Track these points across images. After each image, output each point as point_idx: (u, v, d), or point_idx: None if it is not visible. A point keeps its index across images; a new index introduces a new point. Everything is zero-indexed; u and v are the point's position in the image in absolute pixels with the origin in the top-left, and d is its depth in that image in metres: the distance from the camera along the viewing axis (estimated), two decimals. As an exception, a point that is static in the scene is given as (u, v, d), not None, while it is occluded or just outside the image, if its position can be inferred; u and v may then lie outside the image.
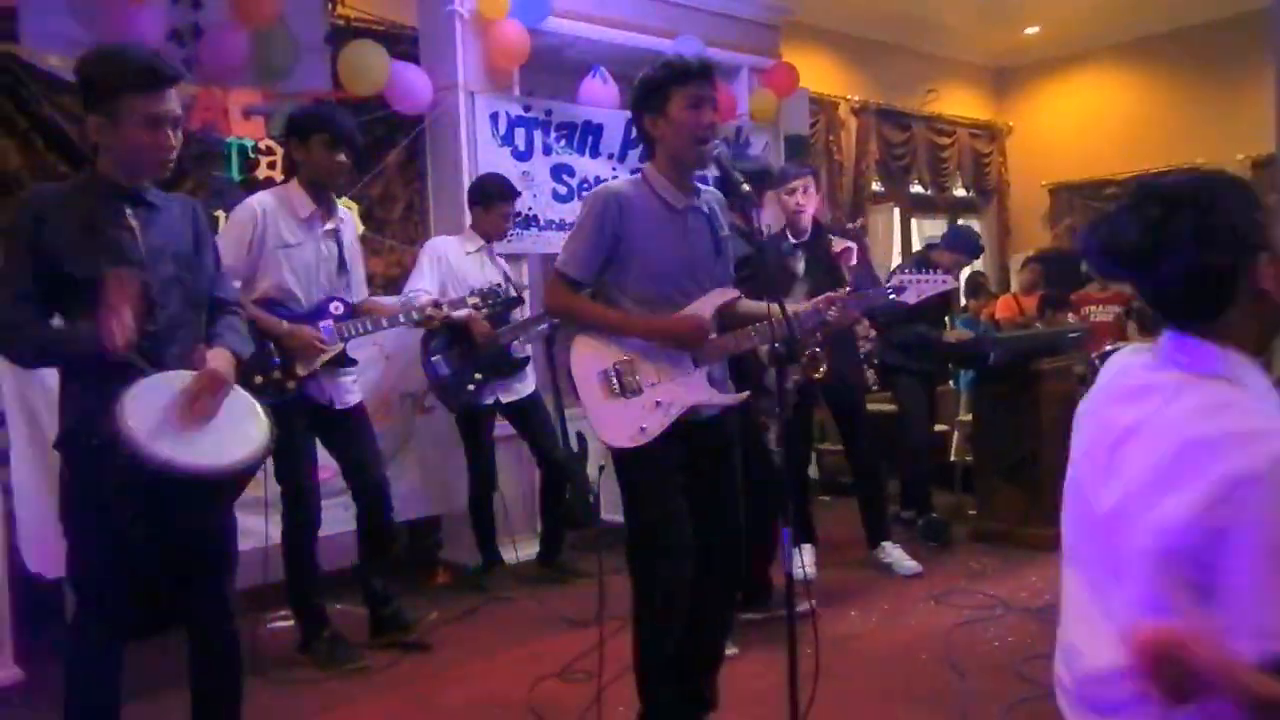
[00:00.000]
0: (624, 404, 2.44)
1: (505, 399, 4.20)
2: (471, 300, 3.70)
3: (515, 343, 4.19)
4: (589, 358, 2.49)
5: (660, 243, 2.48)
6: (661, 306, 2.48)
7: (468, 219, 4.34)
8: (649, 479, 2.47)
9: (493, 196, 4.23)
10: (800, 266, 4.08)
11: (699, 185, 2.59)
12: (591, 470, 4.73)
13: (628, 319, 2.47)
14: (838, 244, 4.08)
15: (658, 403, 2.44)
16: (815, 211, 4.18)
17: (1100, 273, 1.37)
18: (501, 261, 4.35)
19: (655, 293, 2.48)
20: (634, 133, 2.67)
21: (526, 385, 4.31)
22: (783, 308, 2.37)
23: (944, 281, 3.07)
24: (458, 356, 4.09)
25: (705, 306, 2.52)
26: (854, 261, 4.06)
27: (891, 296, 3.00)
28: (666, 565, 2.46)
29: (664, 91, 2.44)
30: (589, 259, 2.47)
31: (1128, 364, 1.39)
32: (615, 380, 2.46)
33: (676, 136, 2.45)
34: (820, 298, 2.73)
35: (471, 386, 4.09)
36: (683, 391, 2.47)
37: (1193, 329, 1.30)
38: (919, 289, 2.98)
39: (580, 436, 4.52)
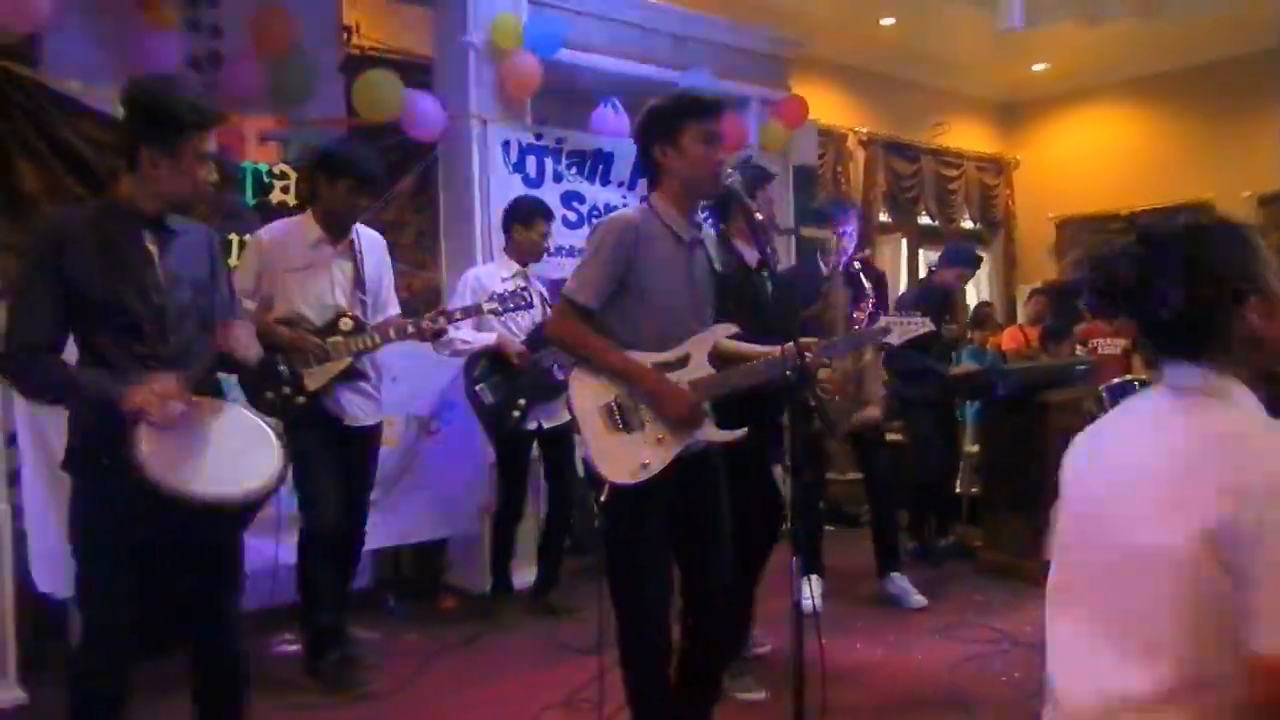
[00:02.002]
0: (625, 439, 2.38)
1: (547, 424, 4.16)
2: (489, 306, 3.70)
3: (556, 366, 4.11)
4: (589, 392, 2.42)
5: (670, 276, 2.45)
6: (663, 342, 2.44)
7: (479, 250, 4.36)
8: (636, 539, 2.41)
9: (534, 213, 4.25)
10: (841, 295, 4.11)
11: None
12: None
13: (624, 365, 2.40)
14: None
15: (659, 439, 2.39)
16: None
17: (1093, 310, 1.44)
18: (538, 284, 4.35)
19: (658, 328, 2.44)
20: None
21: (566, 412, 4.30)
22: (796, 341, 2.38)
23: (922, 324, 3.18)
24: (501, 383, 4.09)
25: (702, 346, 2.48)
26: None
27: (881, 340, 3.07)
28: (648, 652, 2.43)
29: (677, 123, 2.42)
30: (601, 287, 2.41)
31: (1132, 405, 1.48)
32: (617, 415, 2.40)
33: (688, 170, 2.44)
34: (804, 341, 2.73)
35: (517, 413, 4.08)
36: (683, 428, 2.42)
37: (1190, 357, 1.37)
38: (903, 330, 3.05)
39: (586, 462, 4.51)
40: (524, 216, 4.26)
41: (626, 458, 2.37)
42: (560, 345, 2.72)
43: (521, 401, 4.07)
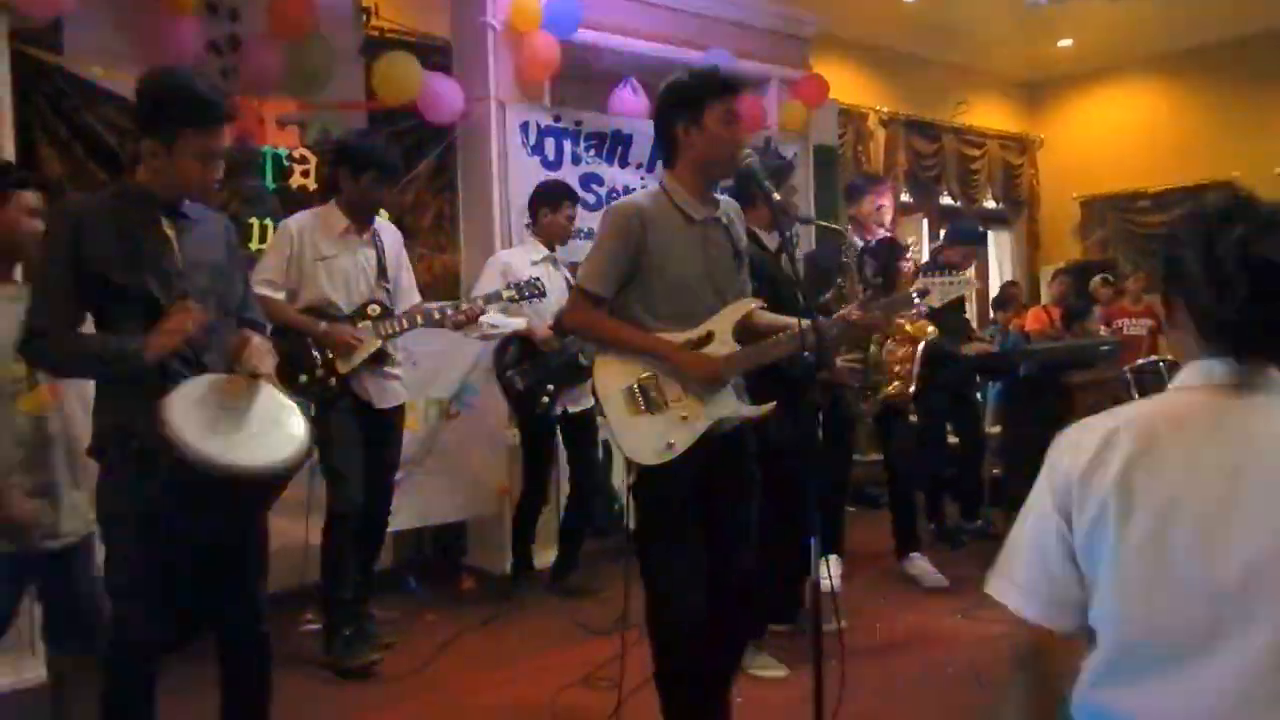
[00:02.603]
0: (649, 420, 2.38)
1: (572, 409, 4.18)
2: (508, 294, 3.73)
3: (582, 351, 4.08)
4: (613, 374, 2.43)
5: (682, 255, 2.43)
6: (685, 319, 2.43)
7: (498, 232, 4.36)
8: (664, 520, 2.42)
9: (561, 196, 4.27)
10: (870, 270, 4.11)
11: (717, 196, 2.57)
12: (618, 479, 4.74)
13: (645, 342, 2.41)
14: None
15: (683, 417, 2.39)
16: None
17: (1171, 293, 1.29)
18: (566, 269, 4.34)
19: (677, 307, 2.43)
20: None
21: (590, 397, 4.32)
22: (813, 318, 2.36)
23: (967, 283, 3.11)
24: (532, 369, 4.10)
25: (725, 323, 2.47)
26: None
27: (917, 301, 2.99)
28: (676, 633, 2.41)
29: (700, 101, 2.40)
30: (611, 274, 2.42)
31: (1187, 400, 1.27)
32: (640, 396, 2.40)
33: (709, 149, 2.42)
34: (850, 307, 2.71)
35: (546, 399, 4.10)
36: (707, 405, 2.42)
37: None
38: (943, 291, 3.00)
39: (606, 445, 4.53)
40: (550, 199, 4.26)
41: (651, 438, 2.37)
42: (577, 333, 2.78)
43: (550, 387, 4.08)
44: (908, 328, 3.84)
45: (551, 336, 4.07)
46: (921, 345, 3.93)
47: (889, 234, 4.26)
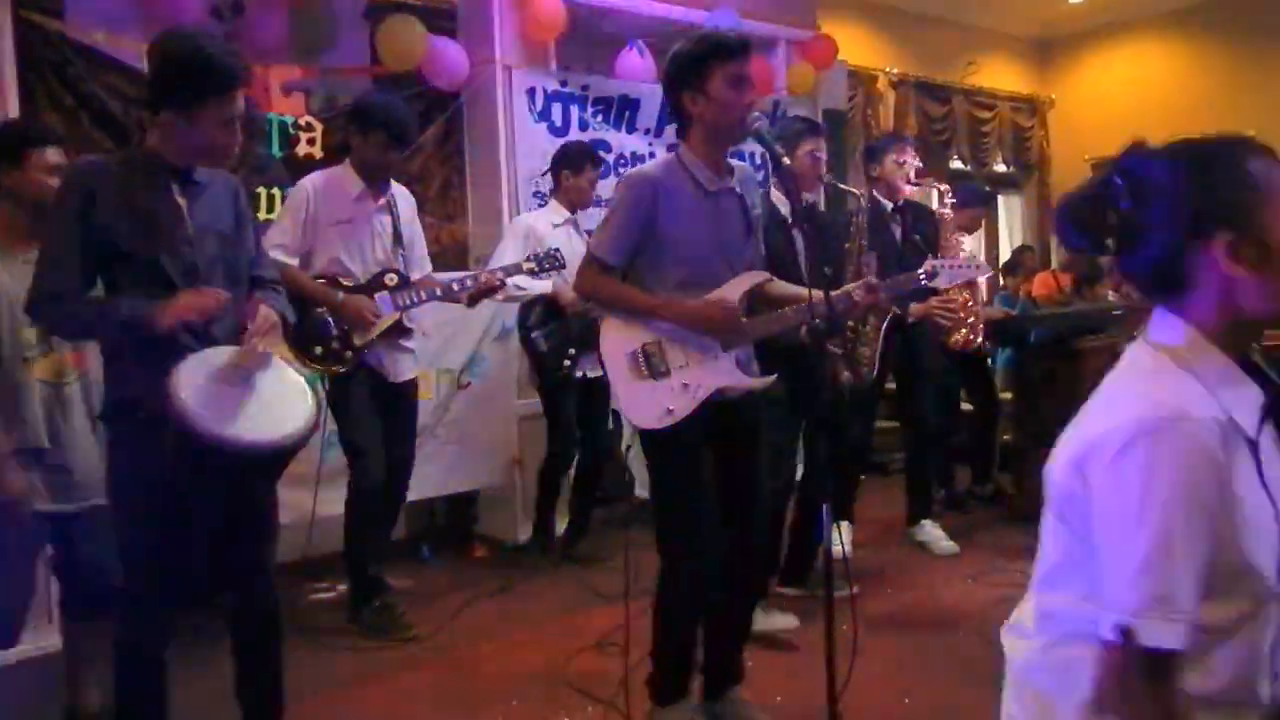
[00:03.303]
0: (651, 385, 2.45)
1: (591, 374, 4.14)
2: (528, 265, 3.68)
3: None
4: (618, 339, 2.50)
5: (693, 226, 2.46)
6: (694, 289, 2.46)
7: (505, 199, 4.31)
8: (675, 466, 2.49)
9: (584, 157, 4.21)
10: (897, 233, 4.07)
11: (732, 164, 2.57)
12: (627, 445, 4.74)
13: (656, 303, 2.45)
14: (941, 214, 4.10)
15: (685, 385, 2.44)
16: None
17: (1069, 245, 1.31)
18: (585, 234, 4.28)
19: (688, 276, 2.47)
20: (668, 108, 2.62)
21: None
22: (825, 290, 2.34)
23: (977, 269, 3.10)
24: (555, 331, 4.08)
25: (734, 290, 2.49)
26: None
27: (925, 283, 3.00)
28: (691, 565, 2.49)
29: (704, 68, 2.40)
30: (622, 244, 2.46)
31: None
32: (643, 362, 2.47)
33: (718, 115, 2.42)
34: (859, 282, 2.71)
35: (568, 361, 4.09)
36: (709, 375, 2.47)
37: (1168, 305, 1.23)
38: (951, 275, 3.01)
39: (617, 413, 4.53)
40: (573, 162, 4.20)
41: (652, 403, 2.44)
42: (589, 298, 2.80)
43: (572, 351, 4.07)
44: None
45: (576, 300, 4.05)
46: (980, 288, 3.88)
47: (916, 187, 4.17)
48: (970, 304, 3.96)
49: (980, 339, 4.07)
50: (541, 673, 3.16)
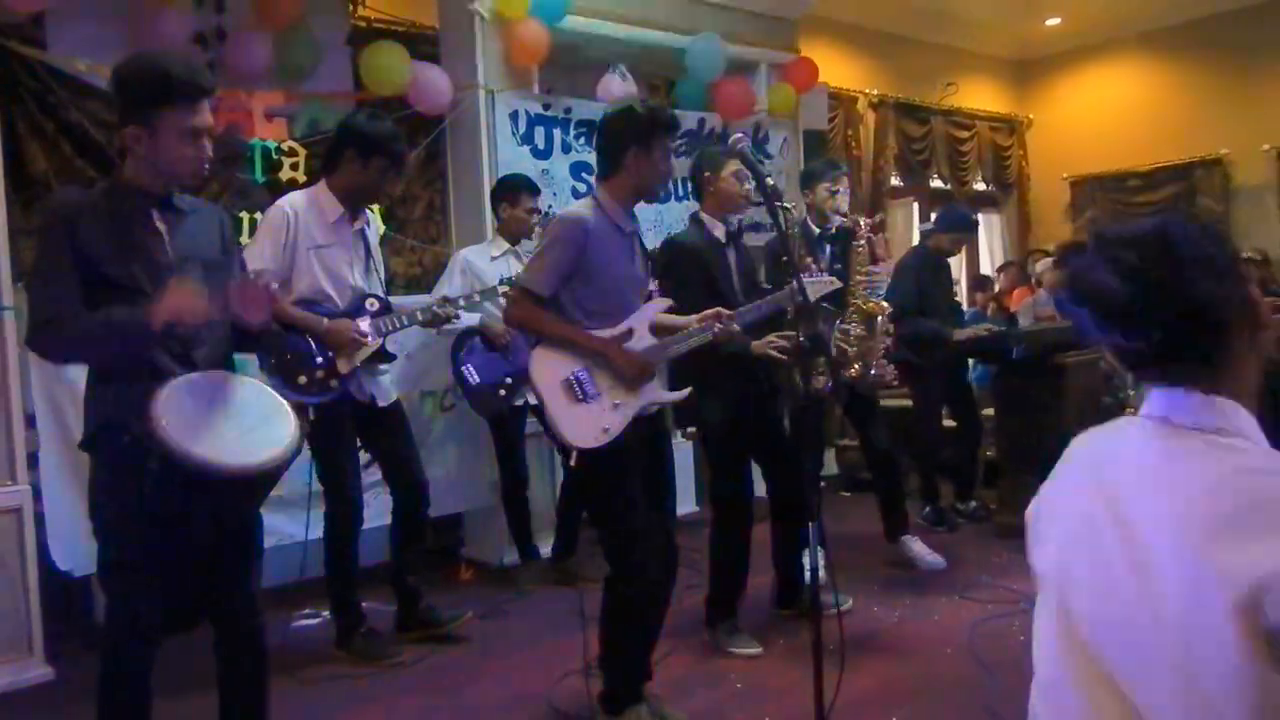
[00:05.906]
0: (585, 408, 2.67)
1: (535, 400, 4.18)
2: (469, 300, 3.75)
3: None
4: (551, 367, 2.70)
5: (614, 263, 2.76)
6: (608, 318, 2.74)
7: (489, 223, 4.35)
8: (614, 480, 2.70)
9: (520, 189, 4.25)
10: (825, 258, 4.09)
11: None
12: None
13: (581, 338, 2.70)
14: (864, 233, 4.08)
15: (615, 405, 2.69)
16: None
17: (1093, 335, 1.24)
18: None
19: (606, 306, 2.75)
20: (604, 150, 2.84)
21: None
22: (803, 292, 2.62)
23: (831, 283, 3.32)
24: (487, 364, 4.12)
25: (642, 322, 2.78)
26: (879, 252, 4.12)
27: (794, 301, 3.13)
28: (637, 570, 2.71)
29: (652, 136, 2.72)
30: (554, 279, 2.70)
31: (1114, 449, 1.26)
32: (576, 387, 2.68)
33: (650, 177, 2.77)
34: (709, 312, 2.90)
35: (503, 392, 4.13)
36: (635, 392, 2.73)
37: (1190, 380, 1.19)
38: (816, 289, 3.17)
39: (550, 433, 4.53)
40: (508, 193, 4.26)
41: (589, 424, 2.66)
42: (520, 328, 3.05)
43: (508, 380, 4.11)
44: (863, 306, 3.78)
45: (506, 331, 4.06)
46: (879, 324, 3.79)
47: (845, 219, 4.14)
48: (866, 338, 3.81)
49: (889, 375, 3.84)
50: (529, 695, 3.14)
